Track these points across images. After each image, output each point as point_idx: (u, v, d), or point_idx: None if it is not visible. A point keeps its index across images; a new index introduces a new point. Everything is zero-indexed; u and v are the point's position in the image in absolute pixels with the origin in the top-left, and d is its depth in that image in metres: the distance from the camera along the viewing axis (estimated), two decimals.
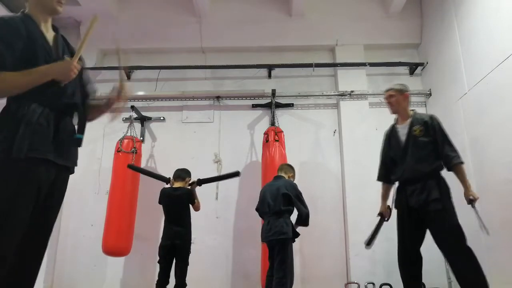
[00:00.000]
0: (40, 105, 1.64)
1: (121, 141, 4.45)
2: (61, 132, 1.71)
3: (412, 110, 3.06)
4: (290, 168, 3.67)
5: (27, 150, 1.55)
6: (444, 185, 2.76)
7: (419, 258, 2.83)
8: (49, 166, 1.65)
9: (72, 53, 1.89)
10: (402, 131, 2.97)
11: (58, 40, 1.85)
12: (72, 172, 1.86)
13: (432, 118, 2.90)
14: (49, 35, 1.83)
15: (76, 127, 1.85)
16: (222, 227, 4.56)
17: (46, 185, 1.65)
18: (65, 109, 1.78)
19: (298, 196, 3.37)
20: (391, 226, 4.59)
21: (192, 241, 3.56)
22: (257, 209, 3.52)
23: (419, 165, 2.79)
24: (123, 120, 4.95)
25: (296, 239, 3.39)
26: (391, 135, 3.09)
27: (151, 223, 4.47)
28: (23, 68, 1.61)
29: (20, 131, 1.55)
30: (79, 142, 1.80)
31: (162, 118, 5.09)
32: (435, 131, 2.83)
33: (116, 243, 4.11)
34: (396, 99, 3.03)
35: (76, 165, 1.86)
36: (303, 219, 3.31)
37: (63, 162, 1.73)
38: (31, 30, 1.72)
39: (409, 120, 2.96)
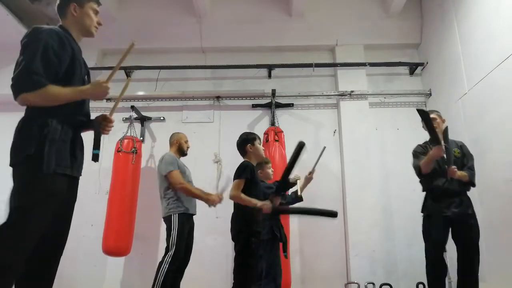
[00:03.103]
0: (59, 121, 1.74)
1: (121, 141, 4.46)
2: (77, 147, 1.85)
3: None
4: None
5: (54, 166, 1.67)
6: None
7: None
8: (66, 179, 1.78)
9: (88, 74, 2.03)
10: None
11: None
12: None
13: (463, 145, 3.27)
14: None
15: (83, 141, 1.98)
16: (222, 227, 4.54)
17: (63, 196, 1.77)
18: (80, 125, 1.90)
19: None
20: (391, 227, 4.61)
21: None
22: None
23: (458, 181, 3.04)
24: (123, 120, 4.95)
25: (296, 239, 3.35)
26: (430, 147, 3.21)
27: (151, 222, 4.47)
28: (61, 80, 1.74)
29: (46, 148, 1.66)
30: (95, 157, 1.92)
31: (162, 118, 5.08)
32: (467, 157, 3.19)
33: (116, 243, 4.11)
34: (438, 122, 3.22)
35: (81, 175, 1.97)
36: None
37: (76, 174, 1.87)
38: (73, 45, 1.85)
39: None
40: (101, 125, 1.94)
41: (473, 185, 3.11)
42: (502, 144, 3.37)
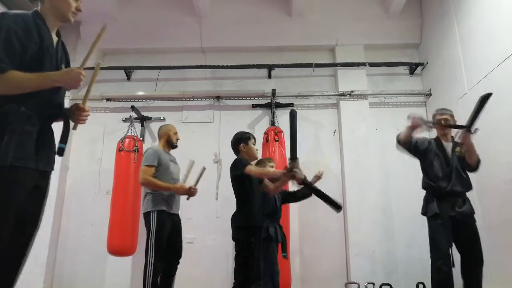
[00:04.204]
0: (27, 111, 1.64)
1: (122, 140, 4.46)
2: (43, 140, 1.73)
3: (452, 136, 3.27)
4: None
5: (12, 158, 1.56)
6: None
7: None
8: (31, 172, 1.67)
9: (67, 62, 1.93)
10: (448, 148, 3.18)
11: (59, 47, 1.88)
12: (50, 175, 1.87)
13: None
14: (54, 40, 1.85)
15: (54, 133, 1.85)
16: (222, 227, 4.54)
17: (28, 190, 1.67)
18: (50, 117, 1.79)
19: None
20: (391, 227, 4.62)
21: (191, 241, 3.57)
22: None
23: (464, 180, 3.07)
24: (123, 120, 4.96)
25: (296, 239, 3.34)
26: (438, 143, 3.22)
27: None
28: (27, 70, 1.63)
29: (5, 139, 1.56)
30: (60, 152, 1.81)
31: (162, 118, 5.08)
32: None
33: (122, 242, 4.12)
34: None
35: (53, 169, 1.87)
36: None
37: (43, 167, 1.75)
38: (43, 34, 1.74)
39: (451, 142, 3.21)
40: (75, 115, 1.81)
41: (475, 169, 3.10)
42: (502, 144, 3.37)
